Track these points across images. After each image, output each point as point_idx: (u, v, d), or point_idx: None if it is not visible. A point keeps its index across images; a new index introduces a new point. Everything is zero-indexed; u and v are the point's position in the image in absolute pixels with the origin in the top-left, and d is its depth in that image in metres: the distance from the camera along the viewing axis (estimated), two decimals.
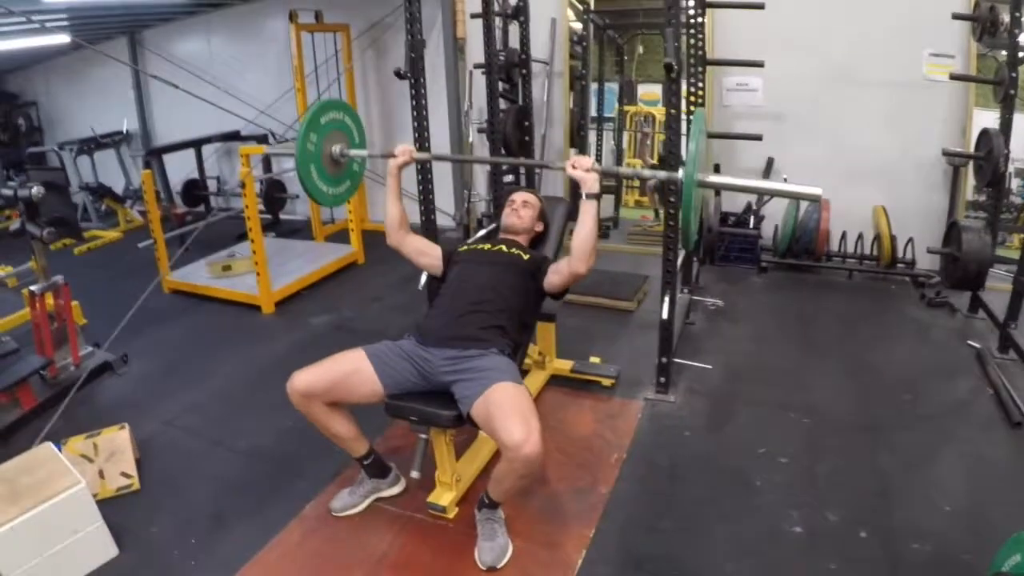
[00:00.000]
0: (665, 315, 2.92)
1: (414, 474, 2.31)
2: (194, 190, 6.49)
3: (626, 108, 6.24)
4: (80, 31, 6.32)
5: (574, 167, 2.20)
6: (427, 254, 2.61)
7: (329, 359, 2.22)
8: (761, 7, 3.70)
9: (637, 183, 6.15)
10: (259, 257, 4.31)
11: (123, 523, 2.45)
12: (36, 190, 3.05)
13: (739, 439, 2.77)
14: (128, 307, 4.39)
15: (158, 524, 2.46)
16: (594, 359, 3.32)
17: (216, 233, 5.29)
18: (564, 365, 3.26)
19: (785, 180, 4.35)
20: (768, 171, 4.59)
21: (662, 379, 3.07)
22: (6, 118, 7.98)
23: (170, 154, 6.68)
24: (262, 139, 6.54)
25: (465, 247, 2.62)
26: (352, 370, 2.18)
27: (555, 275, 2.41)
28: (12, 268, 4.55)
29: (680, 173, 2.04)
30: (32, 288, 3.31)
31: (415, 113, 2.99)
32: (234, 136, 6.36)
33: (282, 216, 6.68)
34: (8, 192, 3.07)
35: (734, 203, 4.77)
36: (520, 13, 4.39)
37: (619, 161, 6.01)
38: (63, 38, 5.06)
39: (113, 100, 7.45)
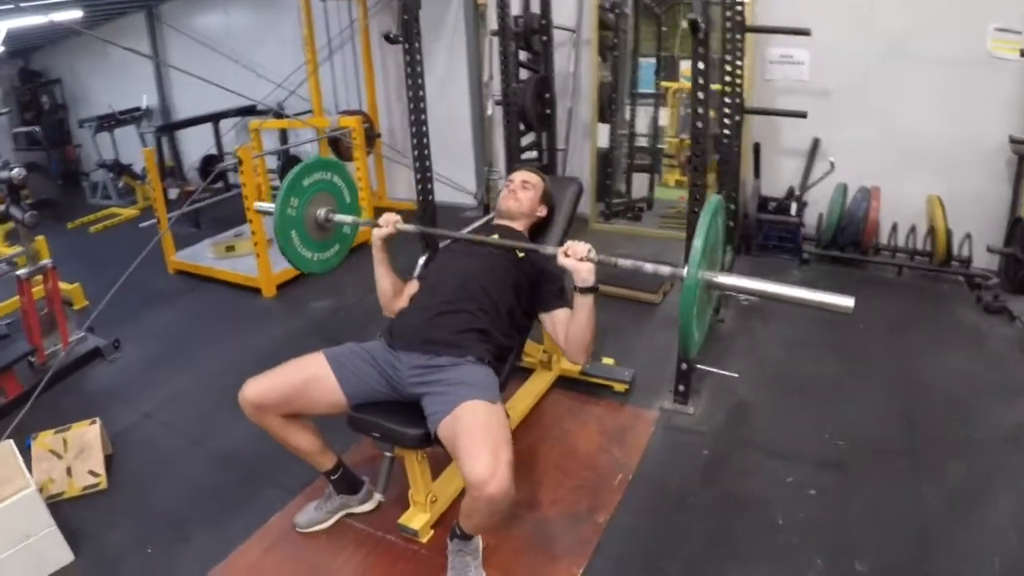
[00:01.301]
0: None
1: (377, 496, 2.13)
2: (210, 166, 6.42)
3: (666, 84, 5.92)
4: (96, 7, 6.28)
5: (567, 255, 1.94)
6: (413, 289, 2.39)
7: (285, 365, 2.02)
8: None
9: (676, 160, 5.81)
10: (258, 238, 4.18)
11: (84, 526, 2.39)
12: (17, 171, 2.96)
13: (764, 463, 2.49)
14: (132, 288, 4.36)
15: (119, 529, 2.37)
16: (607, 360, 3.08)
17: (233, 210, 5.16)
18: (574, 366, 3.02)
19: (831, 163, 4.02)
20: (814, 152, 4.24)
21: (681, 387, 2.81)
22: (32, 96, 8.09)
23: (191, 130, 6.67)
24: (278, 113, 6.43)
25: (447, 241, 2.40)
26: (311, 377, 1.98)
27: (551, 327, 2.21)
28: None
29: (683, 271, 1.76)
30: (19, 272, 3.24)
31: (409, 82, 2.77)
32: (249, 111, 6.24)
33: None
34: None
35: (775, 187, 4.42)
36: None
37: (657, 139, 5.68)
38: (76, 13, 4.98)
39: (133, 77, 7.44)
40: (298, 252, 2.48)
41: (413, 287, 2.38)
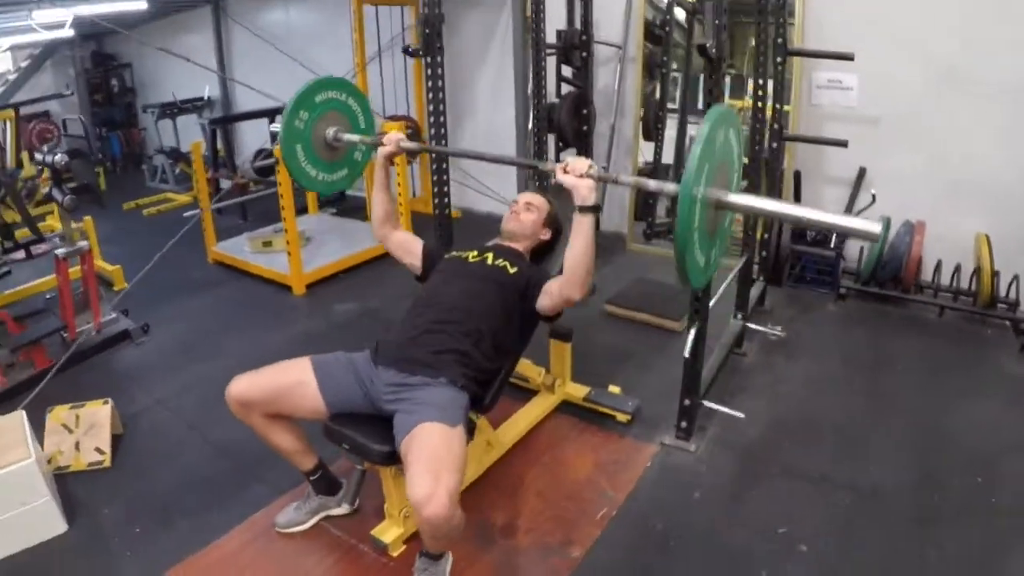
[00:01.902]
0: (688, 353, 2.63)
1: (345, 506, 2.18)
2: (261, 160, 6.65)
3: (731, 102, 5.84)
4: None
5: (565, 171, 1.91)
6: (411, 252, 2.46)
7: (272, 367, 2.10)
8: None
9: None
10: (291, 236, 4.31)
11: (83, 499, 2.53)
12: (59, 157, 3.16)
13: (758, 511, 2.41)
14: (172, 274, 4.59)
15: (113, 506, 2.49)
16: (613, 388, 3.05)
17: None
18: (579, 391, 3.01)
19: (873, 195, 3.90)
20: (859, 182, 4.10)
21: (684, 423, 2.77)
22: (102, 79, 8.53)
23: (250, 123, 6.90)
24: None
25: (451, 254, 2.43)
26: (294, 382, 2.05)
27: (546, 297, 2.18)
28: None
29: (673, 187, 1.62)
30: (57, 252, 3.43)
31: (430, 96, 2.81)
32: None
33: (349, 192, 6.76)
34: (40, 157, 3.19)
35: None
36: None
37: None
38: (141, 4, 5.25)
39: (199, 66, 7.77)
40: (301, 167, 2.49)
41: (413, 242, 2.48)
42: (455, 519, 1.70)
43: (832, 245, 4.07)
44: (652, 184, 1.87)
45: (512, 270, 2.25)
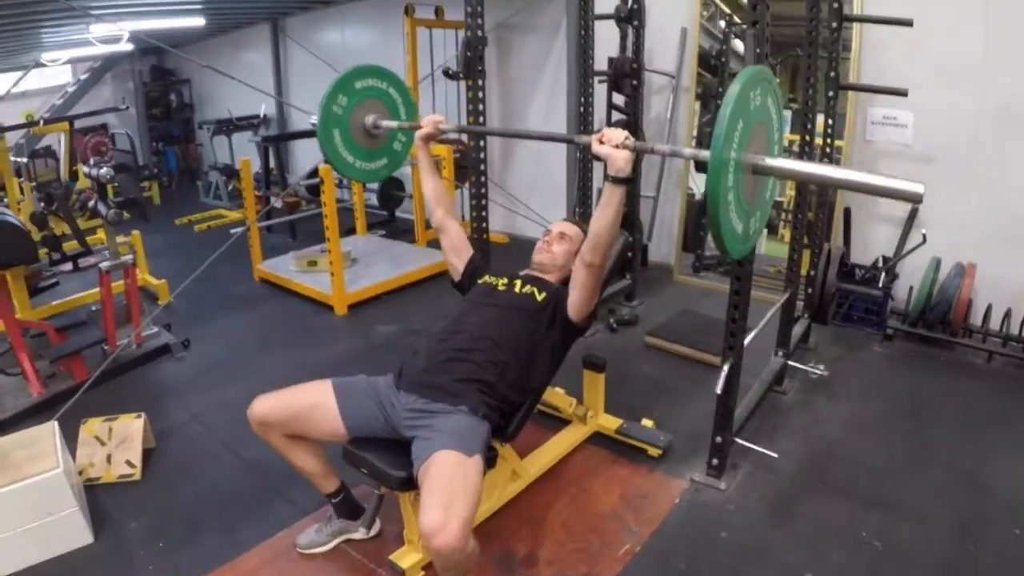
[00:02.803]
0: (720, 388, 2.59)
1: (362, 531, 2.20)
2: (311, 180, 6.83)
3: (790, 136, 5.77)
4: (222, 16, 6.87)
5: (601, 142, 1.89)
6: (459, 254, 2.50)
7: (294, 388, 2.15)
8: (909, 24, 3.22)
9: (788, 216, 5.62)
10: (334, 256, 4.41)
11: (111, 511, 2.61)
12: (104, 171, 3.31)
13: (784, 555, 2.34)
14: (217, 290, 4.74)
15: (140, 520, 2.56)
16: (647, 422, 3.01)
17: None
18: (611, 423, 2.98)
19: (923, 235, 3.80)
20: (911, 222, 4.00)
21: (715, 461, 2.73)
22: (161, 93, 8.91)
23: (304, 142, 7.10)
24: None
25: (484, 278, 2.43)
26: (314, 404, 2.09)
27: (574, 289, 2.18)
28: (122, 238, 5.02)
29: (707, 153, 1.55)
30: (101, 265, 3.59)
31: (471, 119, 2.88)
32: None
33: (399, 214, 6.90)
34: (87, 171, 3.36)
35: (866, 254, 4.21)
36: (634, 17, 4.13)
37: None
38: (198, 20, 5.50)
39: (258, 83, 8.03)
40: (338, 152, 2.52)
41: (465, 247, 2.54)
42: (467, 550, 1.69)
43: (880, 284, 3.96)
44: (687, 152, 1.83)
45: (540, 296, 2.25)
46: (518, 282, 2.33)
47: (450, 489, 1.73)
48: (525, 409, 2.25)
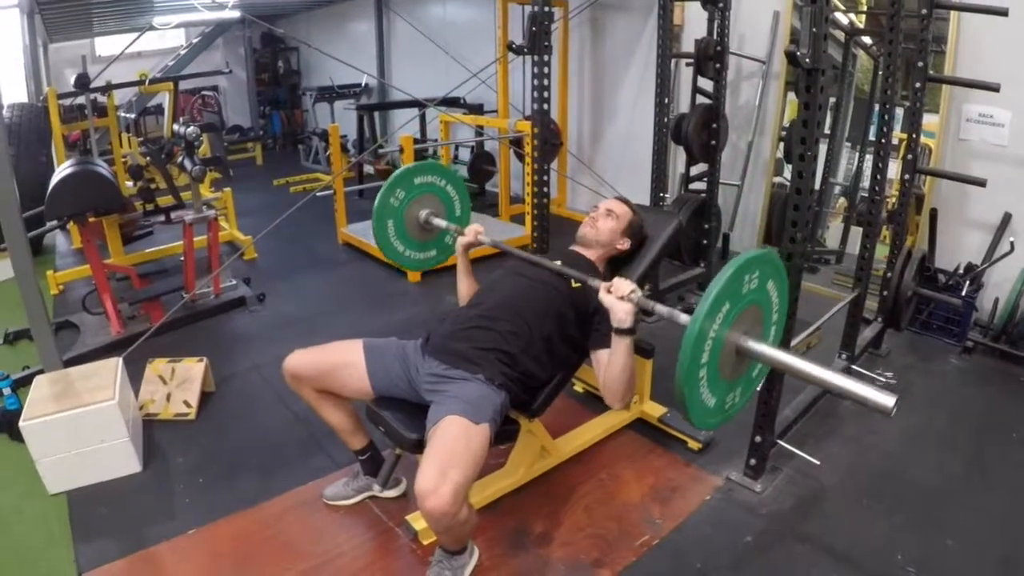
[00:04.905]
0: (761, 386, 2.51)
1: (376, 488, 2.28)
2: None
3: (898, 135, 5.45)
4: None
5: (608, 291, 1.91)
6: None
7: (327, 346, 2.24)
8: (1004, 14, 2.97)
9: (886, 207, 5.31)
10: None
11: (163, 446, 2.83)
12: (191, 129, 3.54)
13: (805, 570, 2.21)
14: (302, 250, 4.98)
15: (187, 456, 2.77)
16: None
17: None
18: (655, 411, 2.95)
19: (1011, 244, 3.51)
20: (1003, 229, 3.68)
21: (752, 461, 2.64)
22: (271, 59, 9.34)
23: (403, 112, 7.29)
24: (476, 108, 6.87)
25: None
26: (344, 362, 2.17)
27: (596, 362, 2.18)
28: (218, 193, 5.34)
29: (684, 319, 1.61)
30: (185, 218, 3.84)
31: (536, 95, 2.88)
32: (453, 102, 6.72)
33: (489, 188, 7.02)
34: (176, 128, 3.60)
35: (950, 259, 3.91)
36: None
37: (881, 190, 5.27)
38: None
39: (363, 53, 8.31)
40: (389, 241, 2.67)
41: None
42: (460, 516, 1.73)
43: (964, 292, 3.69)
44: (683, 318, 1.72)
45: (575, 284, 2.20)
46: (558, 262, 2.29)
47: (450, 453, 1.76)
48: (553, 386, 2.26)
